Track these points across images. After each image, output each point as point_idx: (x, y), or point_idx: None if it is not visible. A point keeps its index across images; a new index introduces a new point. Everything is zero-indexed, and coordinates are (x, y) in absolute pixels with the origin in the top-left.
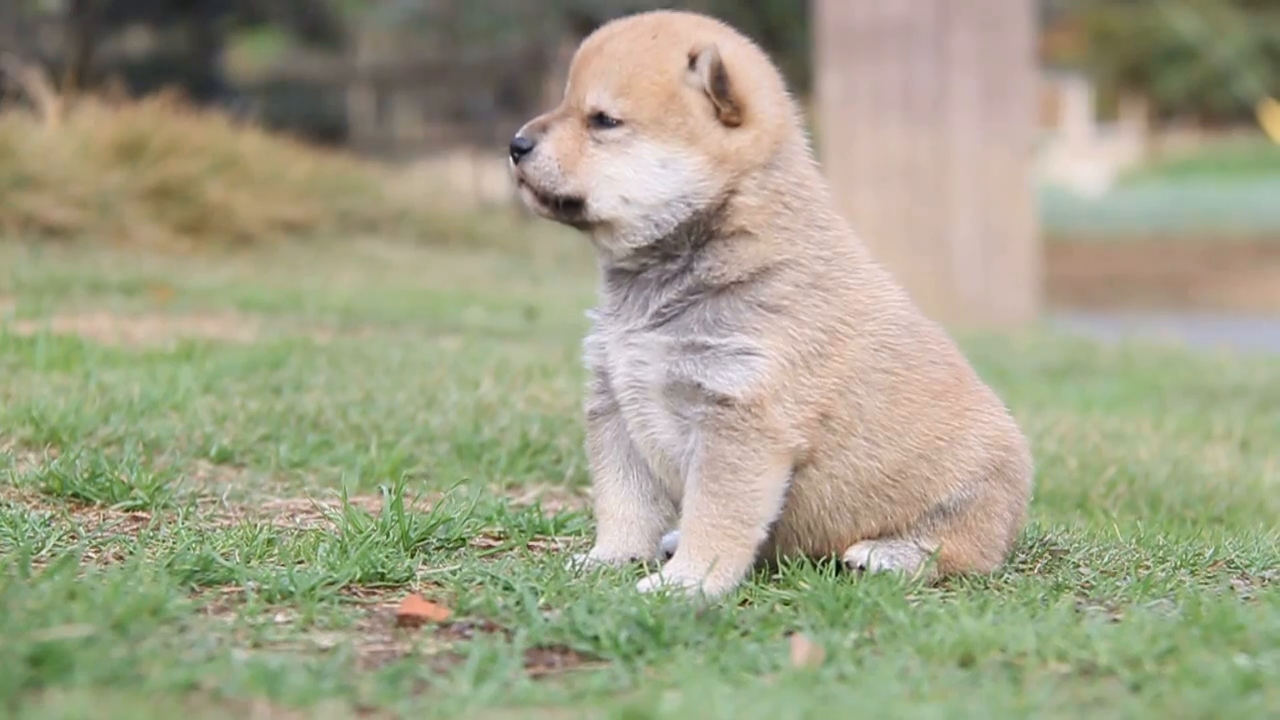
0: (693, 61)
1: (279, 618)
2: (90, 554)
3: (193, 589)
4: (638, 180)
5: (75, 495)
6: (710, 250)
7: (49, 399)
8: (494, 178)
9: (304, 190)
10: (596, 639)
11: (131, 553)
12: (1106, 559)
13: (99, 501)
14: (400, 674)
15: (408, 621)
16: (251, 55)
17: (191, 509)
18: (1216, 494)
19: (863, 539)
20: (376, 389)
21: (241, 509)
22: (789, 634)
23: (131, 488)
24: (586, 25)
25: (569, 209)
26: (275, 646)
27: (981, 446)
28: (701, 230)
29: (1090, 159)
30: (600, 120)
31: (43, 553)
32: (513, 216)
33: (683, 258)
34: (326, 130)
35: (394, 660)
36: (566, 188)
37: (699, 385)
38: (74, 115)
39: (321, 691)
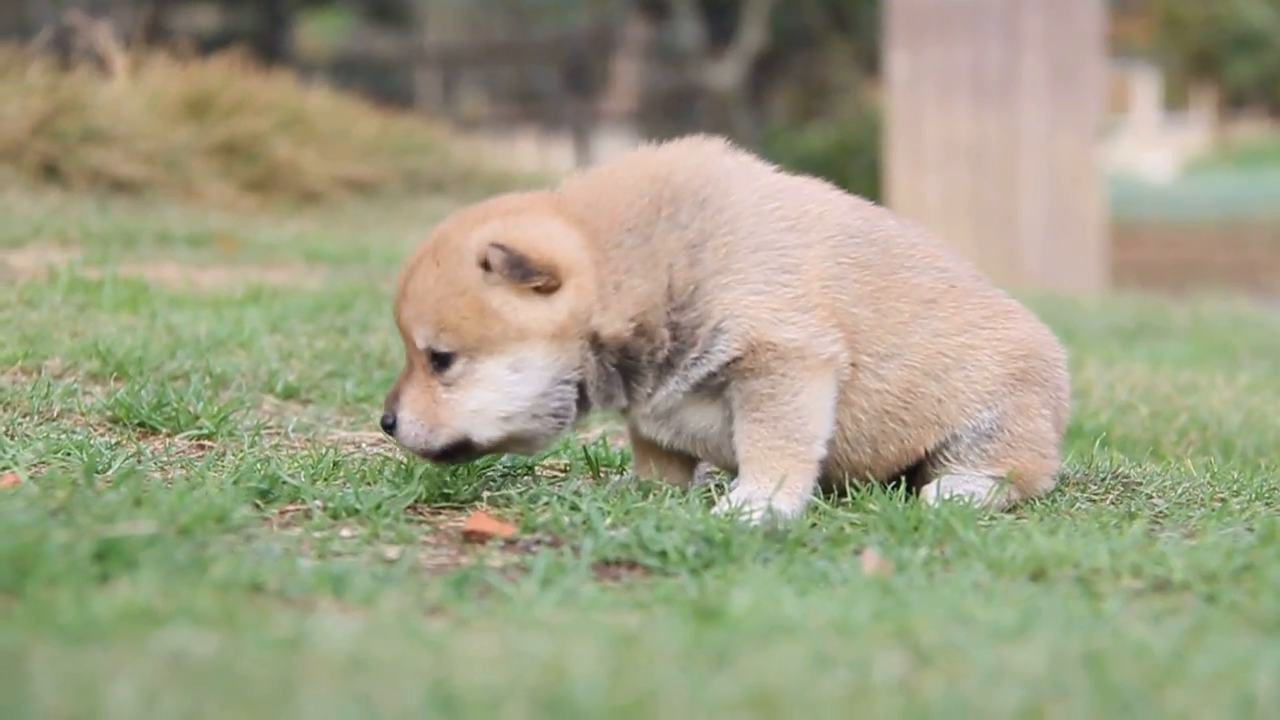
0: (486, 265)
1: (344, 532)
2: (155, 474)
3: (257, 505)
4: (503, 398)
5: (141, 424)
6: (646, 350)
7: (115, 335)
8: (559, 157)
9: (371, 149)
10: (664, 554)
11: (198, 473)
12: (1180, 491)
13: (165, 430)
14: (466, 579)
15: (473, 537)
16: (320, 33)
17: (257, 438)
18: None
19: (891, 468)
20: None
21: (307, 440)
22: (858, 551)
23: (197, 417)
24: (652, 6)
25: (462, 452)
26: (340, 557)
27: (996, 363)
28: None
29: (1159, 146)
30: (439, 361)
31: (109, 472)
32: None
33: (648, 364)
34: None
35: (460, 570)
36: (441, 441)
37: (711, 373)
38: (143, 72)
39: (386, 592)
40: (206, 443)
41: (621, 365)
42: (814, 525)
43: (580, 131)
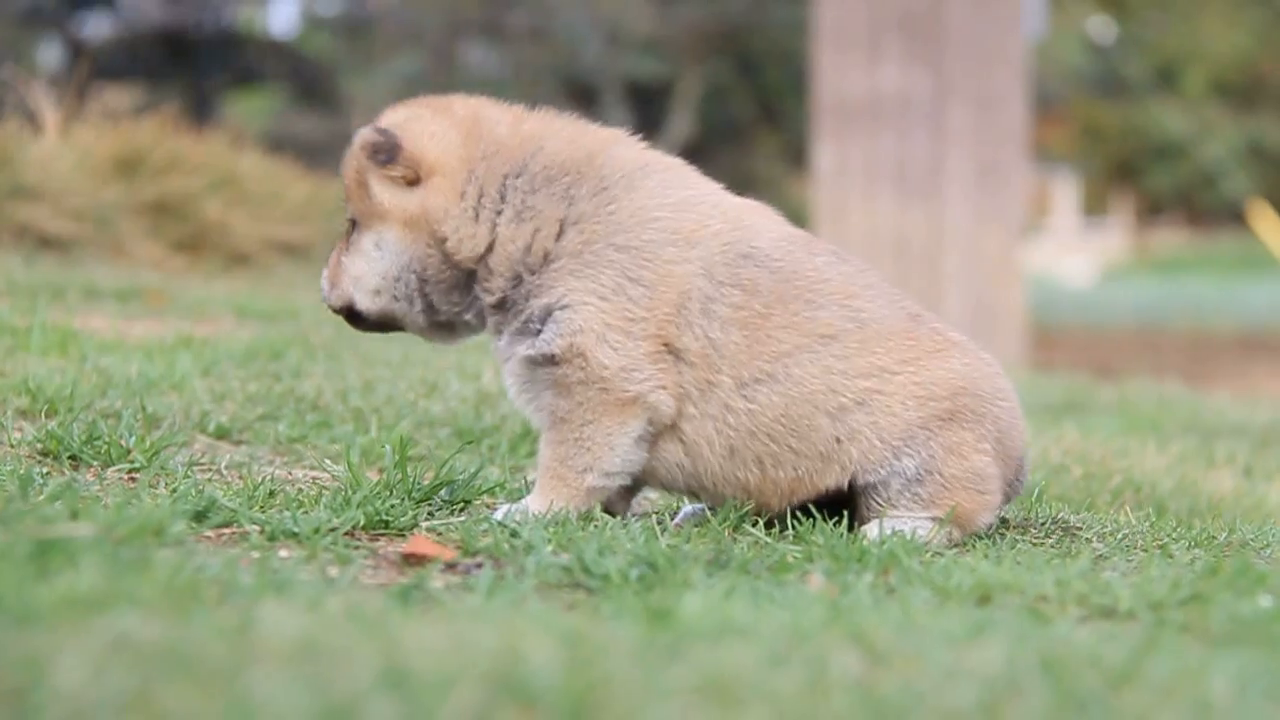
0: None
1: (282, 553)
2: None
3: (193, 526)
4: (370, 271)
5: (73, 457)
6: (484, 282)
7: (45, 374)
8: None
9: (301, 212)
10: (607, 576)
11: (132, 493)
12: (1120, 537)
13: (96, 464)
14: (409, 591)
15: (413, 559)
16: (246, 113)
17: (190, 472)
18: (1222, 506)
19: (788, 494)
20: (376, 379)
21: (240, 477)
22: (803, 577)
23: (129, 451)
24: (583, 92)
25: (357, 317)
26: (280, 575)
27: (911, 409)
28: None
29: (1078, 251)
30: (350, 228)
31: (41, 495)
32: None
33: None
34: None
35: (402, 585)
36: (333, 299)
37: (527, 357)
38: (74, 129)
39: (330, 596)
40: (138, 475)
41: (466, 285)
42: (755, 557)
43: None
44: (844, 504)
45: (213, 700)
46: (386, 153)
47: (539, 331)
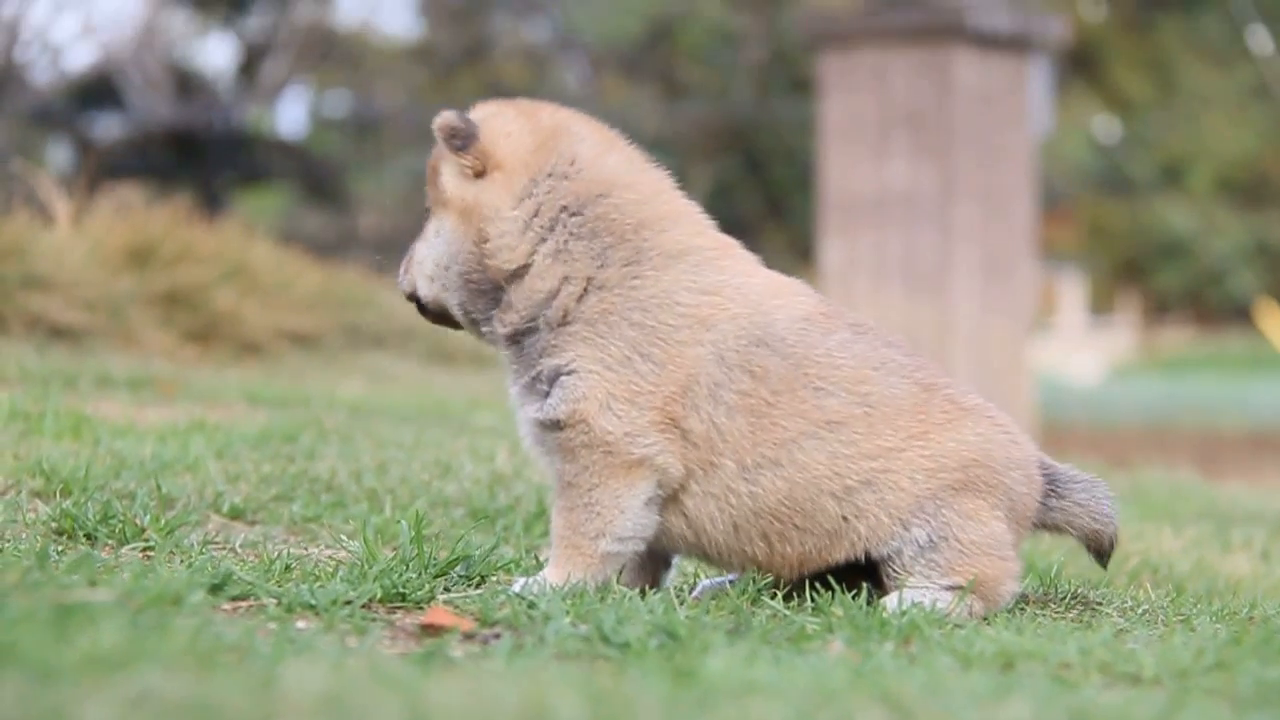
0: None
1: (300, 624)
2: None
3: (210, 601)
4: (428, 256)
5: (88, 535)
6: (504, 312)
7: (59, 457)
8: None
9: (313, 302)
10: (626, 644)
11: (149, 566)
12: (1141, 611)
13: (111, 542)
14: (430, 655)
15: (432, 630)
16: (255, 212)
17: (205, 550)
18: (1241, 586)
19: (799, 564)
20: (390, 460)
21: (255, 555)
22: (824, 645)
23: (143, 529)
24: None
25: (419, 308)
26: (298, 643)
27: (918, 483)
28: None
29: (1085, 349)
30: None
31: (59, 567)
32: None
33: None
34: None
35: (423, 650)
36: (404, 284)
37: (536, 420)
38: (85, 219)
39: (351, 659)
40: (153, 554)
41: (491, 298)
42: (775, 628)
43: None
44: (865, 573)
45: None
46: (462, 139)
47: (547, 394)
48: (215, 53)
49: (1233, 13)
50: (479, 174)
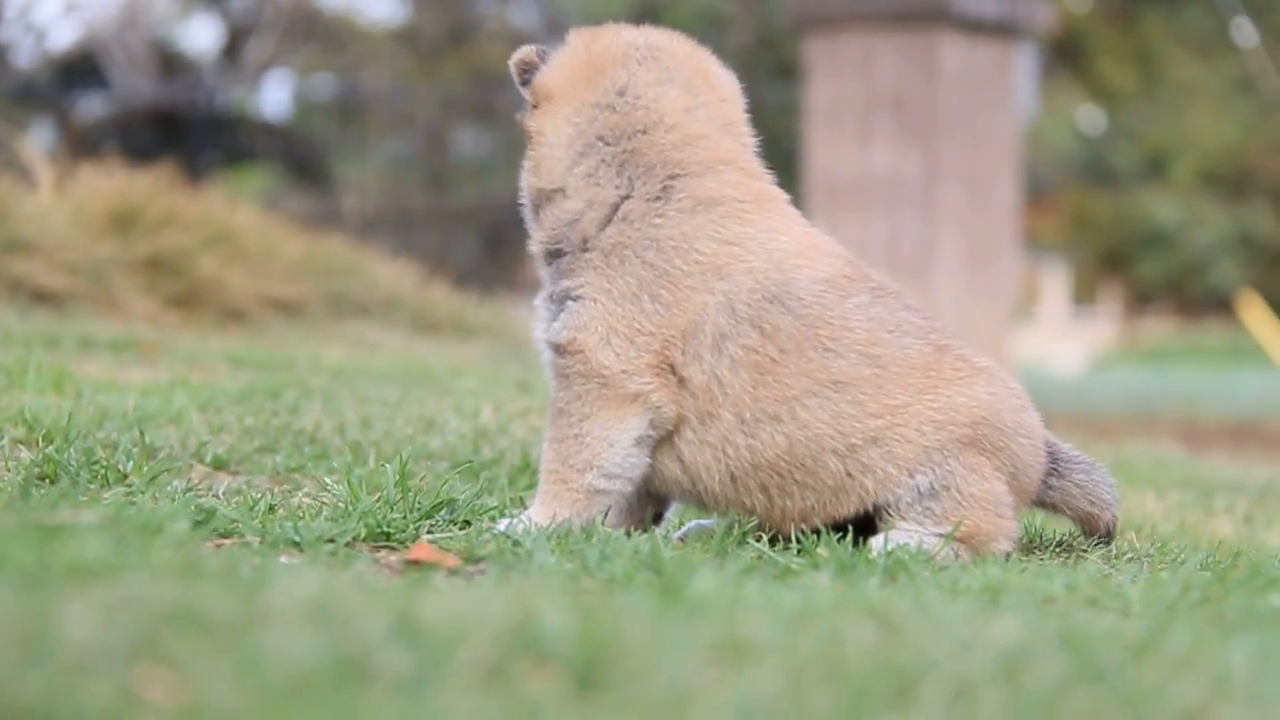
0: None
1: (284, 559)
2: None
3: (193, 536)
4: (520, 182)
5: (72, 480)
6: (535, 230)
7: (42, 407)
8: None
9: (297, 269)
10: (612, 579)
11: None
12: (1127, 558)
13: (94, 487)
14: (418, 582)
15: (416, 566)
16: (238, 193)
17: (189, 495)
18: (1224, 548)
19: (800, 518)
20: (374, 416)
21: (239, 500)
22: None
23: (126, 475)
24: None
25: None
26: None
27: (929, 433)
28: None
29: (1067, 339)
30: None
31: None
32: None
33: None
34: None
35: (410, 579)
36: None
37: (544, 341)
38: (68, 184)
39: (339, 576)
40: (136, 500)
41: (534, 215)
42: (760, 565)
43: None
44: (871, 528)
45: (224, 651)
46: (527, 74)
47: (556, 316)
48: (199, 33)
49: (1217, 5)
50: (535, 105)
